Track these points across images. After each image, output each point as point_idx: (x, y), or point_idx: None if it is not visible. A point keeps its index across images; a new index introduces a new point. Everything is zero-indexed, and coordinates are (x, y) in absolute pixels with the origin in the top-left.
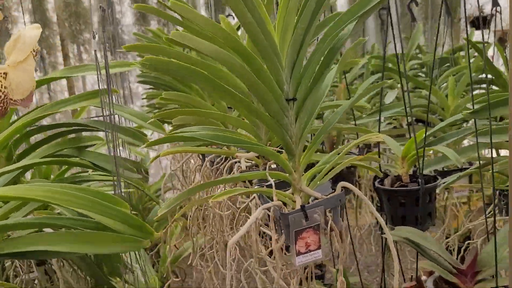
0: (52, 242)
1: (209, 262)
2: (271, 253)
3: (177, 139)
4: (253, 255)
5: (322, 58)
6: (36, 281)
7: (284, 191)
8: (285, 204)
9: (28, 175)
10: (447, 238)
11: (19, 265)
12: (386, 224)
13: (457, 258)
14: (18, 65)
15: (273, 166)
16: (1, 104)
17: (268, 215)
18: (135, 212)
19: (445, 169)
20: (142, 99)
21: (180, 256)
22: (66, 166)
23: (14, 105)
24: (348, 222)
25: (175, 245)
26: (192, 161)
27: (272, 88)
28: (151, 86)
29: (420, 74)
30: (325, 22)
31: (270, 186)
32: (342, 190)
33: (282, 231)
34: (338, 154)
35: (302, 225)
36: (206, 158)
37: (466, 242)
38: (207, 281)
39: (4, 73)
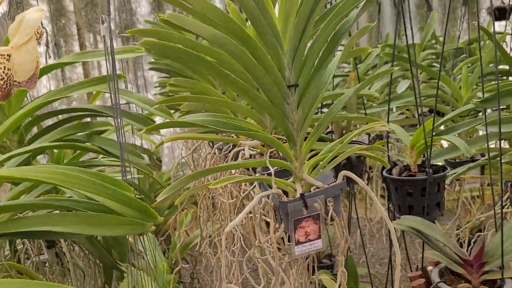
0: (57, 223)
1: (218, 249)
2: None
3: (176, 124)
4: (255, 244)
5: (325, 44)
6: (46, 263)
7: (286, 180)
8: (287, 193)
9: (44, 161)
10: (458, 230)
11: (30, 247)
12: (394, 214)
13: (467, 251)
14: (21, 47)
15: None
16: (5, 86)
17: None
18: (139, 196)
19: (457, 160)
20: (155, 87)
21: (190, 243)
22: (79, 151)
23: (18, 86)
24: (357, 215)
25: (185, 231)
26: (204, 149)
27: (273, 73)
28: (166, 75)
29: (435, 64)
30: (331, 10)
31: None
32: (343, 179)
33: (282, 220)
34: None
35: (302, 214)
36: (214, 146)
37: (477, 234)
38: (215, 268)
39: (7, 55)
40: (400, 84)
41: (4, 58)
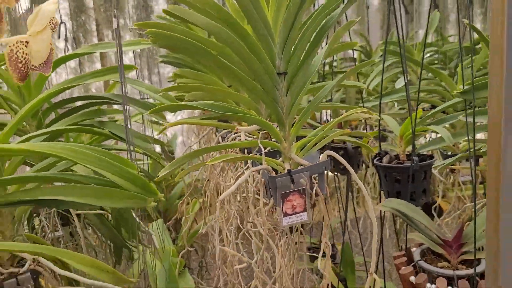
0: (69, 194)
1: (224, 236)
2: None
3: (176, 107)
4: (248, 219)
5: (313, 36)
6: (61, 240)
7: (276, 160)
8: (277, 171)
9: None
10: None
11: (46, 224)
12: (384, 200)
13: None
14: (37, 35)
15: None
16: (23, 68)
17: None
18: (142, 174)
19: (452, 153)
20: (168, 81)
21: (198, 231)
22: (96, 137)
23: (34, 70)
24: (355, 211)
25: (195, 220)
26: (213, 140)
27: (264, 61)
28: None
29: (437, 62)
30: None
31: (265, 155)
32: (327, 158)
33: (271, 195)
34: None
35: (289, 188)
36: (218, 133)
37: (467, 223)
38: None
39: (25, 42)
40: (398, 80)
41: (23, 44)
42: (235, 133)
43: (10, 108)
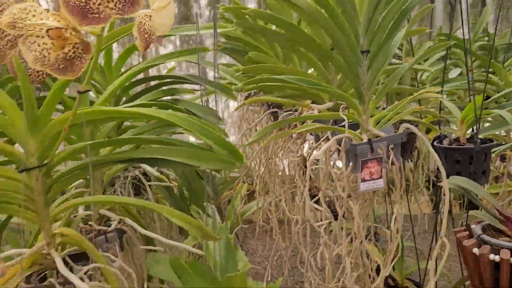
0: (171, 154)
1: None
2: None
3: (268, 81)
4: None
5: (394, 18)
6: None
7: (354, 132)
8: None
9: None
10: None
11: (120, 192)
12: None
13: None
14: (160, 10)
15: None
16: (148, 38)
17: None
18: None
19: (503, 143)
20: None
21: (243, 214)
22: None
23: (152, 41)
24: (409, 206)
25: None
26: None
27: (350, 40)
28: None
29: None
30: None
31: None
32: (404, 130)
33: (350, 162)
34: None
35: (368, 156)
36: (279, 117)
37: None
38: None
39: (149, 16)
40: (451, 71)
41: (148, 17)
42: (300, 113)
43: (93, 85)
